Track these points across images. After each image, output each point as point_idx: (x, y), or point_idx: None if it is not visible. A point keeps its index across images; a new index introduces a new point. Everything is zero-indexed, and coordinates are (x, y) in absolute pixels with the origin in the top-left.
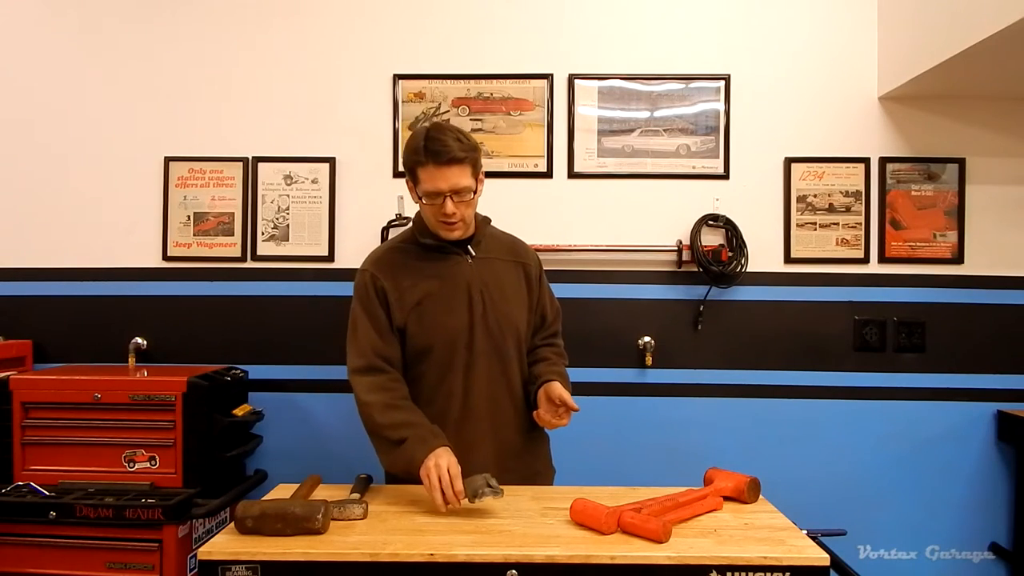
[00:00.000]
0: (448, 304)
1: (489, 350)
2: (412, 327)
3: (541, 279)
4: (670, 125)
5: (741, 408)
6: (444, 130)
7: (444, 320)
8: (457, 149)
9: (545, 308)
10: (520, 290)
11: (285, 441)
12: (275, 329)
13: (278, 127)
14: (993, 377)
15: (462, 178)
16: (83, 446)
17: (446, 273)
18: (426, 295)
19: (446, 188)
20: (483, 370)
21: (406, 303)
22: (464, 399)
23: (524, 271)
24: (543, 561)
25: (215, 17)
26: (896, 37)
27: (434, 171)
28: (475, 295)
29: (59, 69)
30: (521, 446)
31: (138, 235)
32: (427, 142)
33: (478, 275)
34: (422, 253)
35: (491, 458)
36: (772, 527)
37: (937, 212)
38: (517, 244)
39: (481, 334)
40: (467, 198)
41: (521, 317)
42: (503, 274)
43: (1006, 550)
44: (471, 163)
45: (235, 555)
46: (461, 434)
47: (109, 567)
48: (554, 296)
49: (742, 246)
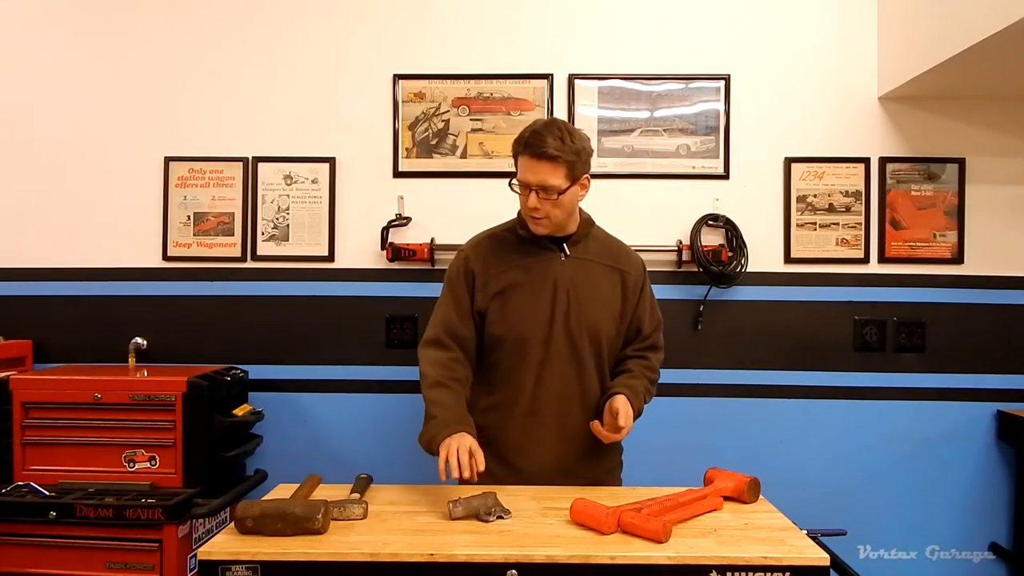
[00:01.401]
0: (531, 297)
1: (566, 350)
2: (492, 314)
3: (643, 289)
4: (670, 125)
5: (741, 408)
6: (552, 127)
7: (524, 312)
8: (552, 147)
9: (642, 319)
10: (612, 296)
11: (285, 441)
12: (275, 329)
13: (278, 127)
14: (993, 377)
15: (551, 176)
16: (83, 446)
17: (536, 267)
18: (511, 284)
19: (533, 181)
20: (557, 369)
21: (491, 289)
22: (533, 394)
23: (621, 278)
24: (543, 561)
25: (215, 17)
26: (896, 37)
27: (526, 162)
28: (560, 294)
29: (59, 69)
30: (586, 452)
31: (138, 235)
32: (530, 135)
33: (568, 274)
34: (519, 244)
35: (552, 459)
36: (772, 527)
37: (937, 212)
38: (620, 250)
39: (560, 333)
40: (552, 197)
41: (606, 324)
42: (596, 277)
43: (1006, 550)
44: (565, 164)
45: (235, 555)
46: (526, 429)
47: (109, 567)
48: (656, 306)
49: (742, 246)
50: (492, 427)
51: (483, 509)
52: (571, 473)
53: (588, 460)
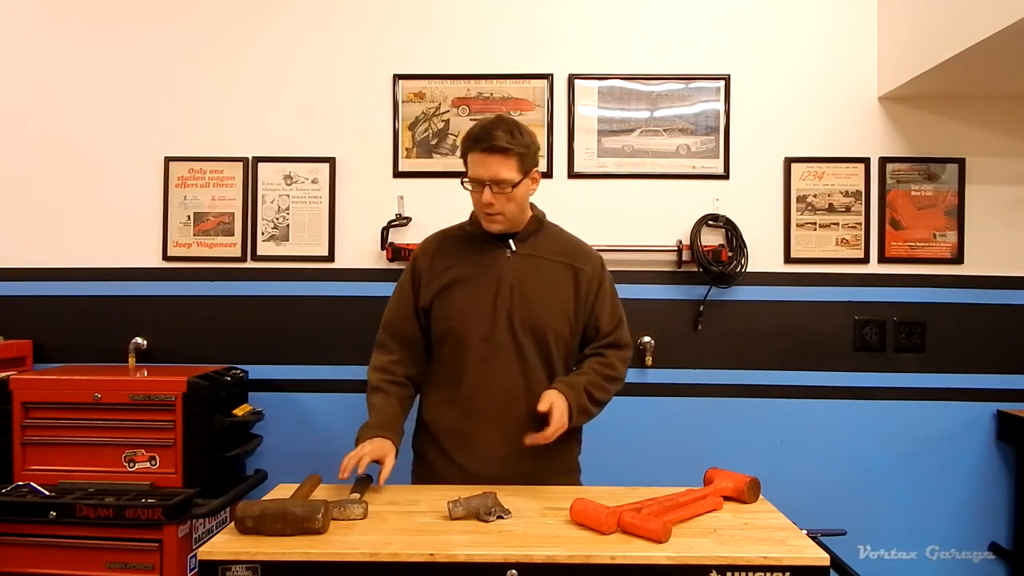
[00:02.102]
0: (474, 294)
1: (510, 347)
2: (436, 310)
3: (600, 286)
4: (670, 125)
5: (741, 408)
6: (501, 122)
7: (465, 308)
8: (503, 140)
9: (600, 317)
10: (563, 294)
11: (285, 441)
12: (275, 329)
13: (278, 127)
14: (993, 377)
15: (503, 169)
16: (83, 446)
17: (481, 263)
18: (455, 280)
19: (486, 177)
20: (501, 367)
21: (434, 286)
22: (475, 392)
23: (574, 275)
24: (543, 561)
25: (215, 17)
26: (896, 37)
27: (477, 158)
28: (504, 290)
29: (59, 69)
30: (534, 452)
31: (138, 235)
32: (479, 131)
33: (514, 271)
34: (467, 240)
35: (496, 457)
36: (772, 527)
37: (937, 212)
38: (576, 247)
39: (503, 330)
40: (506, 190)
41: (555, 321)
42: (545, 274)
43: (1006, 550)
44: (516, 156)
45: (235, 555)
46: (468, 426)
47: (109, 567)
48: (618, 303)
49: (742, 246)
50: (437, 423)
51: (483, 509)
52: (519, 472)
53: (536, 460)
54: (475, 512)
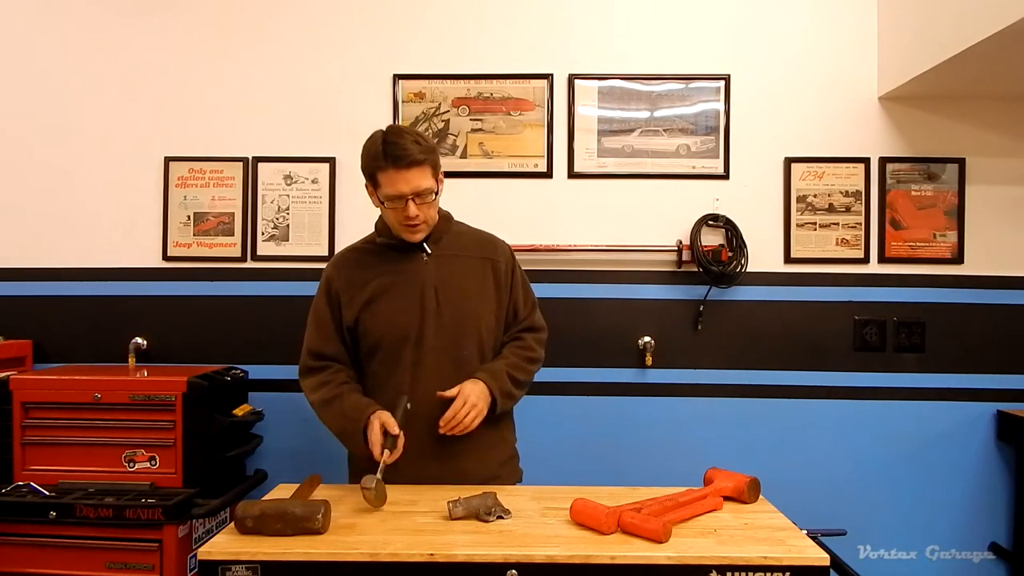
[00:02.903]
0: (398, 301)
1: (441, 348)
2: (363, 324)
3: (513, 273)
4: (670, 125)
5: (741, 408)
6: (402, 133)
7: (392, 317)
8: (416, 152)
9: (517, 303)
10: (485, 287)
11: (285, 441)
12: (275, 329)
13: (278, 127)
14: (993, 377)
15: (423, 180)
16: (83, 446)
17: (400, 270)
18: (378, 292)
19: (408, 191)
20: (432, 368)
21: (356, 301)
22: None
23: (492, 267)
24: (543, 561)
25: (215, 17)
26: (896, 37)
27: (394, 175)
28: (428, 292)
29: (59, 69)
30: (469, 449)
31: (138, 235)
32: (385, 146)
33: (434, 272)
34: (380, 252)
35: (431, 458)
36: (772, 527)
37: (937, 212)
38: (486, 240)
39: (432, 331)
40: (429, 199)
41: (485, 315)
42: (465, 271)
43: (1006, 550)
44: (431, 164)
45: (235, 555)
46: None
47: (109, 567)
48: (529, 288)
49: (742, 246)
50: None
51: (483, 509)
52: (458, 471)
53: (472, 457)
54: (475, 512)
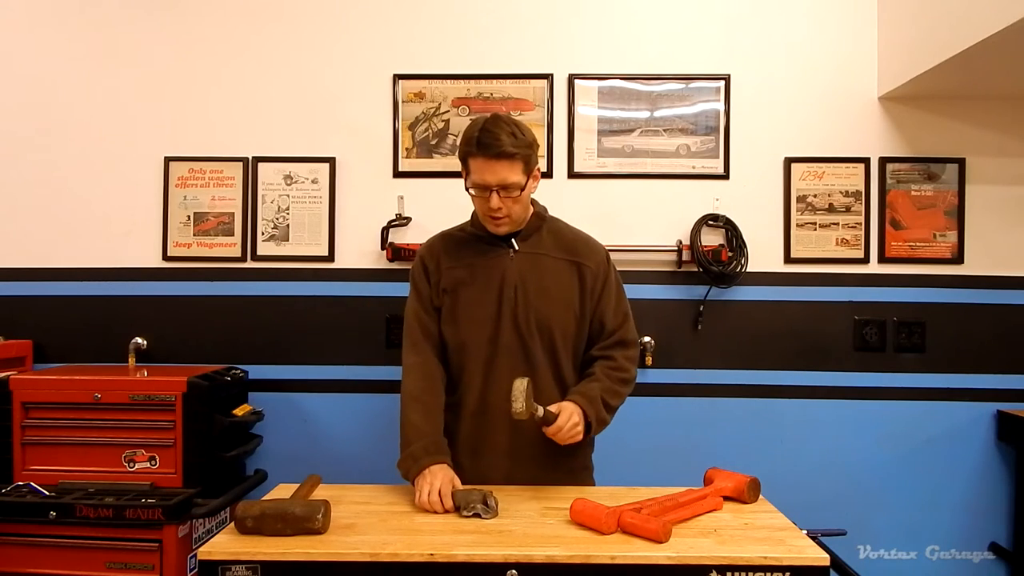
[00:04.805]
0: (478, 295)
1: (515, 347)
2: (444, 312)
3: (606, 282)
4: (670, 125)
5: (741, 408)
6: (500, 123)
7: (470, 310)
8: (508, 144)
9: (605, 314)
10: (568, 291)
11: (285, 441)
12: (275, 329)
13: (278, 127)
14: (993, 377)
15: (511, 174)
16: (83, 446)
17: (484, 263)
18: (459, 282)
19: (493, 182)
20: (506, 367)
21: (442, 286)
22: (482, 394)
23: (578, 271)
24: (543, 561)
25: (215, 17)
26: (896, 37)
27: (483, 164)
28: (507, 290)
29: (59, 69)
30: (543, 453)
31: (138, 235)
32: (480, 133)
33: (517, 269)
34: (470, 241)
35: (504, 459)
36: (772, 527)
37: (937, 212)
38: (579, 242)
39: (508, 330)
40: (514, 194)
41: (560, 319)
42: (550, 272)
43: (1006, 550)
44: (522, 159)
45: (235, 555)
46: (475, 429)
47: (109, 567)
48: (623, 297)
49: (742, 246)
50: (447, 425)
51: (464, 503)
52: (527, 474)
53: (546, 461)
54: (457, 504)
